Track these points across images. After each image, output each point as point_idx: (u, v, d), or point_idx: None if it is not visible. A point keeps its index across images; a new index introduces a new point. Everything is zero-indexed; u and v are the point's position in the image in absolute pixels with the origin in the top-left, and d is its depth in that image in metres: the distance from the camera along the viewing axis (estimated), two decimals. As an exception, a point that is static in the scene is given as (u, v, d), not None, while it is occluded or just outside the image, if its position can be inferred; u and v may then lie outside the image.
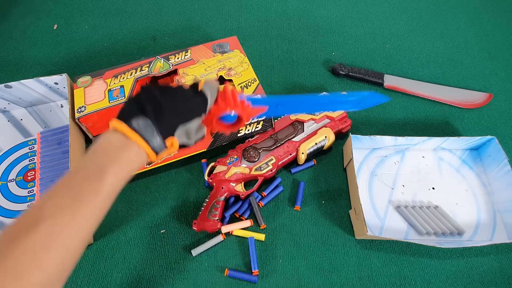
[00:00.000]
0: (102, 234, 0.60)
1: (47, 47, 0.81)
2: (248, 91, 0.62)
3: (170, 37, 0.83)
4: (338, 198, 0.64)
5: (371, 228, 0.60)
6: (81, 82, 0.67)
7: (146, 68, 0.67)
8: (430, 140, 0.64)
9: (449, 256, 0.59)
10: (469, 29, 0.86)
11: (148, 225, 0.61)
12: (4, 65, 0.78)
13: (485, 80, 0.78)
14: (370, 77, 0.76)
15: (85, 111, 0.63)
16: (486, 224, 0.61)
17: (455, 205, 0.63)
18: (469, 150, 0.68)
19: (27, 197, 0.62)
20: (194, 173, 0.66)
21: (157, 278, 0.57)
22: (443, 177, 0.65)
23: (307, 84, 0.76)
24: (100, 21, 0.86)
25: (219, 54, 0.69)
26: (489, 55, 0.82)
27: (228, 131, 0.48)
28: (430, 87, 0.76)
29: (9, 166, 0.65)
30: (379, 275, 0.57)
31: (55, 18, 0.86)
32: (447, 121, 0.72)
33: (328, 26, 0.86)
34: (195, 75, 0.66)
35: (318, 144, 0.64)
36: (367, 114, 0.73)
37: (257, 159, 0.62)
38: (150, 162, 0.40)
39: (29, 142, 0.68)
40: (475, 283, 0.56)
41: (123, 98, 0.64)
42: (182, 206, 0.63)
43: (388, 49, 0.83)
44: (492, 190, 0.64)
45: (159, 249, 0.59)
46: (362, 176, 0.65)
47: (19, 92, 0.66)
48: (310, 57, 0.81)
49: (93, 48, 0.81)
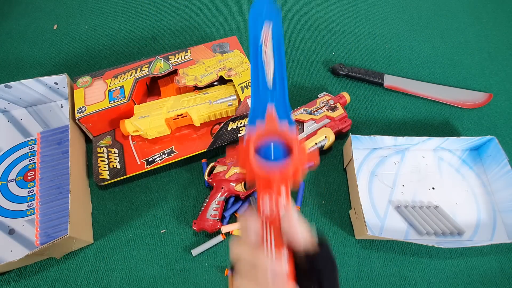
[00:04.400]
0: (102, 234, 0.60)
1: (47, 47, 0.81)
2: (248, 91, 0.62)
3: (170, 37, 0.83)
4: (338, 198, 0.64)
5: (371, 228, 0.60)
6: (81, 83, 0.67)
7: (146, 68, 0.67)
8: (430, 140, 0.64)
9: (449, 256, 0.59)
10: (469, 29, 0.86)
11: (148, 225, 0.61)
12: (4, 65, 0.78)
13: (485, 80, 0.78)
14: (370, 77, 0.76)
15: (85, 112, 0.63)
16: (486, 224, 0.61)
17: (455, 205, 0.63)
18: (469, 150, 0.68)
19: (27, 197, 0.62)
20: (194, 173, 0.66)
21: (157, 278, 0.57)
22: (443, 177, 0.65)
23: (307, 84, 0.76)
24: (100, 21, 0.86)
25: (219, 54, 0.69)
26: (489, 55, 0.82)
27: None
28: (430, 87, 0.76)
29: (9, 166, 0.65)
30: (379, 275, 0.57)
31: (55, 18, 0.86)
32: (447, 121, 0.72)
33: (328, 26, 0.86)
34: (195, 75, 0.66)
35: (318, 144, 0.64)
36: (367, 114, 0.73)
37: (257, 159, 0.62)
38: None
39: (29, 142, 0.68)
40: (475, 283, 0.56)
41: (123, 99, 0.64)
42: (182, 206, 0.63)
43: (388, 49, 0.83)
44: (492, 190, 0.64)
45: (159, 249, 0.59)
46: (362, 176, 0.65)
47: (19, 92, 0.66)
48: (310, 57, 0.81)
49: (93, 48, 0.81)
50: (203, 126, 0.66)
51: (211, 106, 0.63)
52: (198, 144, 0.64)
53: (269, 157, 0.29)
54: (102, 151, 0.64)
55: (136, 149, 0.64)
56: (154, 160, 0.62)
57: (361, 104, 0.74)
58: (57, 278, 0.56)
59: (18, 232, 0.59)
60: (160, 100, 0.65)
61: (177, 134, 0.66)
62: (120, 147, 0.65)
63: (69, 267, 0.57)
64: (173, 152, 0.63)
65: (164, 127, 0.63)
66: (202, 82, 0.65)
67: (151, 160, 0.63)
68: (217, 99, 0.63)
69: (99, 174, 0.61)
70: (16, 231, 0.59)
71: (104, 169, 0.62)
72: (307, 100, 0.70)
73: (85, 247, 0.59)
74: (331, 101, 0.68)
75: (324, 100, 0.68)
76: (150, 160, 0.63)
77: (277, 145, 0.30)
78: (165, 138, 0.65)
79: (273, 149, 0.29)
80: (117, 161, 0.63)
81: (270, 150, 0.30)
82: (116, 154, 0.64)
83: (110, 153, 0.64)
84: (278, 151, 0.29)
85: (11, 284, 0.56)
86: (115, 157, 0.63)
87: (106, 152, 0.64)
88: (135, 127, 0.62)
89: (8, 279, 0.56)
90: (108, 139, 0.66)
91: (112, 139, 0.66)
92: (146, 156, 0.63)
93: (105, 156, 0.63)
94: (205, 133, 0.65)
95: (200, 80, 0.65)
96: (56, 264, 0.58)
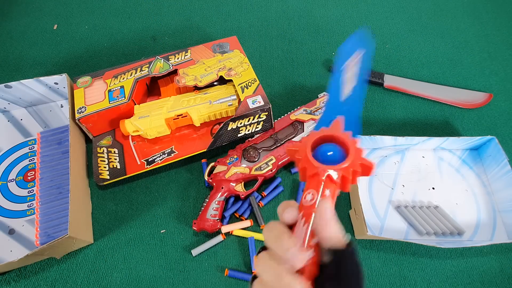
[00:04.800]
0: (102, 234, 0.60)
1: (47, 47, 0.81)
2: (248, 91, 0.62)
3: (170, 37, 0.83)
4: (338, 198, 0.63)
5: (371, 228, 0.60)
6: (81, 83, 0.67)
7: (146, 68, 0.67)
8: (430, 140, 0.64)
9: (449, 256, 0.59)
10: (469, 29, 0.86)
11: (148, 225, 0.61)
12: (4, 65, 0.78)
13: (485, 80, 0.78)
14: (370, 77, 0.75)
15: (85, 112, 0.63)
16: (486, 224, 0.61)
17: (455, 205, 0.63)
18: (469, 150, 0.68)
19: (27, 197, 0.62)
20: (194, 173, 0.66)
21: (157, 278, 0.57)
22: (443, 177, 0.65)
23: (307, 84, 0.76)
24: (100, 21, 0.86)
25: (219, 54, 0.69)
26: (489, 55, 0.82)
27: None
28: (430, 87, 0.76)
29: (9, 166, 0.65)
30: (379, 275, 0.57)
31: (55, 18, 0.86)
32: (447, 121, 0.72)
33: (328, 26, 0.86)
34: (195, 75, 0.66)
35: (318, 144, 0.64)
36: (367, 114, 0.73)
37: (257, 159, 0.62)
38: None
39: (29, 142, 0.68)
40: (475, 283, 0.57)
41: (123, 99, 0.64)
42: (182, 206, 0.63)
43: (388, 49, 0.83)
44: (492, 190, 0.64)
45: (159, 249, 0.59)
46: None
47: (19, 92, 0.66)
48: (310, 57, 0.81)
49: (93, 48, 0.81)
50: (203, 126, 0.66)
51: (211, 106, 0.63)
52: (198, 144, 0.64)
53: (325, 159, 0.29)
54: (102, 151, 0.64)
55: (136, 149, 0.64)
56: (154, 160, 0.63)
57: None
58: (57, 278, 0.56)
59: (18, 232, 0.59)
60: (160, 100, 0.65)
61: (177, 134, 0.66)
62: (120, 147, 0.65)
63: (69, 267, 0.57)
64: (173, 152, 0.63)
65: (164, 127, 0.63)
66: (202, 82, 0.65)
67: (151, 160, 0.63)
68: (217, 99, 0.63)
69: (99, 174, 0.61)
70: (16, 231, 0.59)
71: (104, 169, 0.62)
72: (307, 100, 0.70)
73: (85, 247, 0.59)
74: (331, 101, 0.68)
75: (324, 100, 0.68)
76: (150, 160, 0.63)
77: (335, 148, 0.29)
78: (165, 138, 0.65)
79: (331, 151, 0.29)
80: (117, 161, 0.63)
81: (327, 152, 0.29)
82: (116, 154, 0.64)
83: (110, 153, 0.64)
84: (336, 155, 0.29)
85: (11, 284, 0.56)
86: (115, 157, 0.63)
87: (106, 152, 0.64)
88: (135, 127, 0.62)
89: (8, 279, 0.56)
90: (108, 139, 0.66)
91: (112, 139, 0.66)
92: (146, 156, 0.63)
93: (105, 156, 0.63)
94: (205, 133, 0.65)
95: (200, 80, 0.65)
96: (56, 264, 0.58)
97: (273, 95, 0.75)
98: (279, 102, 0.74)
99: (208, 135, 0.65)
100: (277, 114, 0.70)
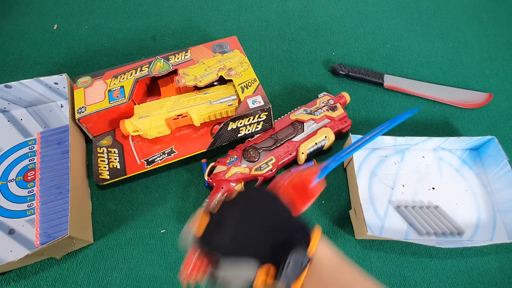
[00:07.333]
0: (102, 234, 0.60)
1: (47, 47, 0.81)
2: (248, 91, 0.62)
3: (170, 37, 0.83)
4: (338, 198, 0.64)
5: (371, 228, 0.60)
6: (81, 83, 0.67)
7: (146, 68, 0.67)
8: (430, 140, 0.64)
9: (449, 256, 0.59)
10: (469, 29, 0.86)
11: (148, 225, 0.61)
12: (4, 65, 0.78)
13: (485, 80, 0.78)
14: (370, 77, 0.76)
15: (85, 112, 0.63)
16: (486, 224, 0.61)
17: (455, 205, 0.63)
18: (469, 150, 0.68)
19: (27, 197, 0.62)
20: (194, 173, 0.66)
21: (157, 278, 0.57)
22: (443, 177, 0.65)
23: (307, 84, 0.76)
24: (100, 21, 0.86)
25: (219, 54, 0.69)
26: (489, 55, 0.82)
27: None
28: (430, 87, 0.76)
29: (9, 166, 0.65)
30: (379, 275, 0.57)
31: (55, 18, 0.86)
32: (447, 121, 0.72)
33: (328, 26, 0.86)
34: (195, 75, 0.66)
35: (318, 144, 0.64)
36: (367, 114, 0.73)
37: (257, 159, 0.62)
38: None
39: (29, 142, 0.68)
40: (475, 283, 0.57)
41: (123, 99, 0.64)
42: (182, 206, 0.63)
43: (388, 49, 0.83)
44: (492, 190, 0.64)
45: (159, 249, 0.59)
46: (362, 176, 0.65)
47: (19, 92, 0.66)
48: (310, 57, 0.81)
49: (93, 48, 0.81)
50: (203, 126, 0.66)
51: (211, 106, 0.63)
52: (198, 144, 0.64)
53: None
54: (102, 151, 0.64)
55: (136, 149, 0.64)
56: (154, 160, 0.63)
57: (361, 104, 0.74)
58: (57, 278, 0.56)
59: (18, 232, 0.59)
60: (160, 100, 0.65)
61: (177, 134, 0.66)
62: (120, 147, 0.65)
63: (69, 267, 0.57)
64: (173, 152, 0.63)
65: (164, 127, 0.63)
66: (202, 82, 0.65)
67: (151, 160, 0.63)
68: (217, 99, 0.63)
69: (99, 174, 0.61)
70: (16, 231, 0.59)
71: (104, 169, 0.62)
72: (307, 100, 0.70)
73: (85, 247, 0.59)
74: (331, 101, 0.68)
75: (324, 100, 0.68)
76: (150, 160, 0.63)
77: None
78: (165, 138, 0.65)
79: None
80: (117, 161, 0.63)
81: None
82: (116, 154, 0.64)
83: (110, 153, 0.64)
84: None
85: (11, 284, 0.56)
86: (115, 157, 0.63)
87: (106, 152, 0.64)
88: (135, 127, 0.62)
89: (8, 279, 0.56)
90: (108, 139, 0.66)
91: (112, 139, 0.66)
92: (146, 156, 0.63)
93: (105, 156, 0.63)
94: (205, 133, 0.65)
95: (200, 80, 0.65)
96: (56, 264, 0.58)
97: (273, 95, 0.75)
98: (279, 102, 0.74)
99: (208, 135, 0.65)
100: (277, 114, 0.70)
